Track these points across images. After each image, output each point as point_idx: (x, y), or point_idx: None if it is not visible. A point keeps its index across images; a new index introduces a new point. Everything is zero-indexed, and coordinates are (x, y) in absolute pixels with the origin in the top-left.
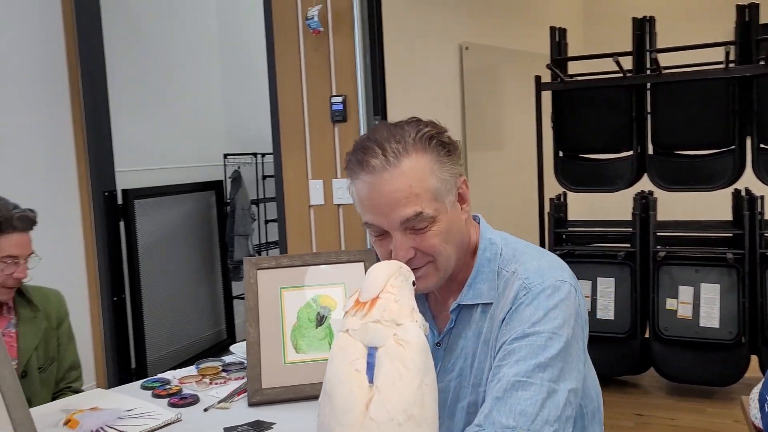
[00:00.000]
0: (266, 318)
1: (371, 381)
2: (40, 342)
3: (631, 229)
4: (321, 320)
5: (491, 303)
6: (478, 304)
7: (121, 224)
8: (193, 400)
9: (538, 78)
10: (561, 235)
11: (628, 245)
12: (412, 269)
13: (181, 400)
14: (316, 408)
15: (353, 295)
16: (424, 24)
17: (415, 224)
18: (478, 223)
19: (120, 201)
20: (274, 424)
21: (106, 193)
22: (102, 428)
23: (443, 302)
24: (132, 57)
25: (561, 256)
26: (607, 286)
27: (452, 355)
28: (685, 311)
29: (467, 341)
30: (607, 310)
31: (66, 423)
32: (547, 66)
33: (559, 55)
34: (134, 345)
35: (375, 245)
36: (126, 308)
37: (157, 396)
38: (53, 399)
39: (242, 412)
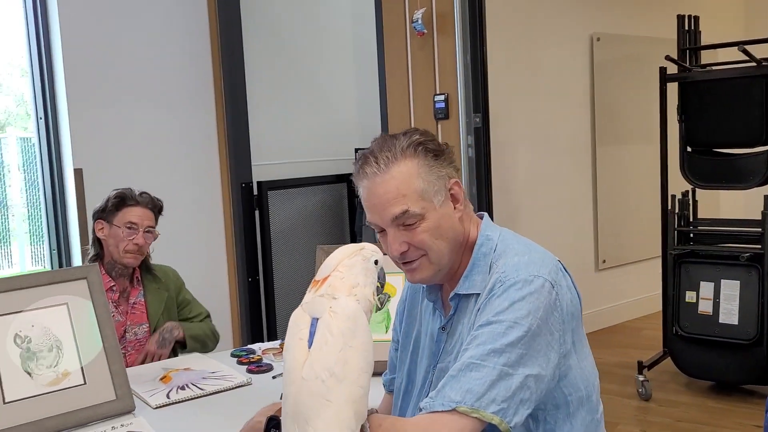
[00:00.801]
0: None
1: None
2: (164, 308)
3: (760, 230)
4: (381, 305)
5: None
6: (472, 295)
7: (257, 213)
8: (267, 368)
9: (663, 69)
10: (687, 234)
11: (759, 246)
12: (408, 261)
13: (258, 367)
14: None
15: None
16: (550, 18)
17: (404, 221)
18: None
19: (255, 192)
20: None
21: (244, 185)
22: (187, 384)
23: (450, 292)
24: (269, 57)
25: (681, 255)
26: (731, 289)
27: (452, 339)
28: None
29: (463, 327)
30: (730, 314)
31: (162, 378)
32: (666, 57)
33: (690, 44)
34: (266, 321)
35: (380, 241)
36: (260, 288)
37: (240, 363)
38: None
39: None
